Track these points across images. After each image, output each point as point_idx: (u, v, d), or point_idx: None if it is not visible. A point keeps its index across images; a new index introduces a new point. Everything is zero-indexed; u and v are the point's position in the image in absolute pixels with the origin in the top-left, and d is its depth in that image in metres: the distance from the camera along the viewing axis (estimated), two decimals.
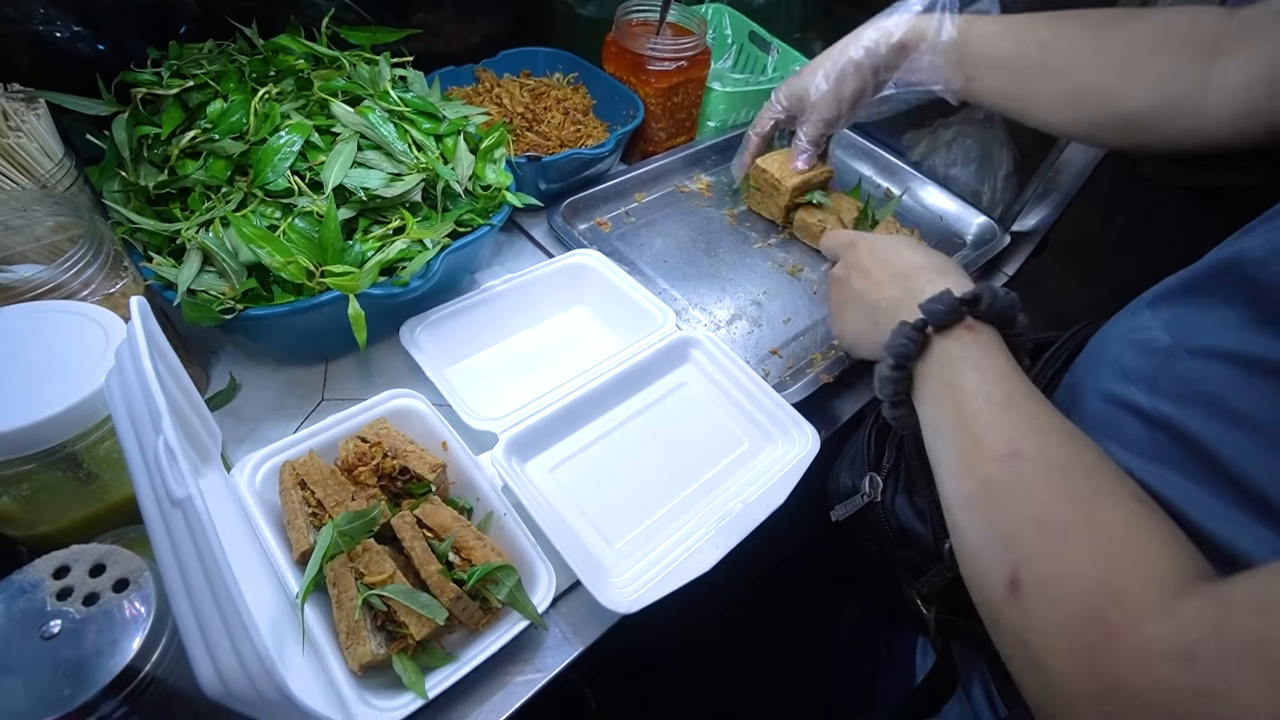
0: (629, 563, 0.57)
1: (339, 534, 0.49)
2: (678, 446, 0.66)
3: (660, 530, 0.60)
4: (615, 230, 0.87)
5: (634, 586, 0.54)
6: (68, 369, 0.45)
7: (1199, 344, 0.42)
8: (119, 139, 0.62)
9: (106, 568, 0.39)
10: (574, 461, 0.64)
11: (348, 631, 0.47)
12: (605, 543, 0.58)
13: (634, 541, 0.59)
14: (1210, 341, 0.42)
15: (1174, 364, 0.44)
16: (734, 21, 1.10)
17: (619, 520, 0.60)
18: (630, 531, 0.59)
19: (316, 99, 0.66)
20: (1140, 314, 0.49)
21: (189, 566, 0.34)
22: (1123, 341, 0.49)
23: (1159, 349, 0.45)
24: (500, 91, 0.90)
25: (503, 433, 0.60)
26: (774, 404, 0.66)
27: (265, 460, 0.55)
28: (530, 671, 0.53)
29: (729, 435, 0.67)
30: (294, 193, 0.61)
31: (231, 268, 0.56)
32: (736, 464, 0.65)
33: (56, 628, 0.36)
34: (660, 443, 0.66)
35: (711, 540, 0.56)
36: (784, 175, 0.84)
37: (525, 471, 0.61)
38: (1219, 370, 0.40)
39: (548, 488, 0.61)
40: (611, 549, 0.58)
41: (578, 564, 0.52)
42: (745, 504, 0.59)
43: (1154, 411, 0.43)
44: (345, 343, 0.61)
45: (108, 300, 0.55)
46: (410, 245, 0.62)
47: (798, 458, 0.62)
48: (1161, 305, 0.48)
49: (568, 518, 0.59)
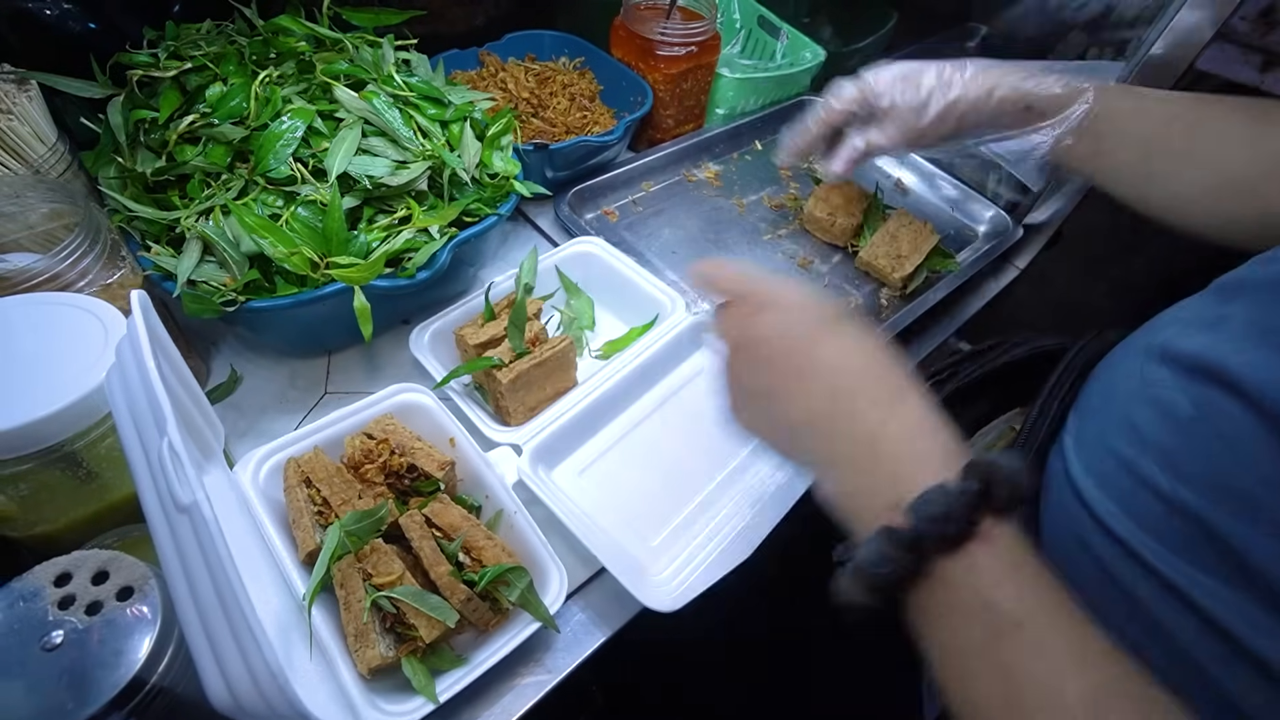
0: (668, 559, 0.56)
1: (346, 534, 0.48)
2: (703, 434, 0.65)
3: (695, 521, 0.59)
4: (623, 219, 0.86)
5: (675, 583, 0.53)
6: (66, 364, 0.43)
7: (1230, 431, 0.36)
8: (115, 123, 0.60)
9: (110, 574, 0.37)
10: (601, 463, 0.63)
11: (356, 634, 0.46)
12: (641, 541, 0.58)
13: (670, 536, 0.58)
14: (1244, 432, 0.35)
15: (1198, 443, 0.38)
16: (743, 6, 1.08)
17: (653, 516, 0.59)
18: (665, 527, 0.59)
19: (319, 83, 0.63)
20: (1158, 368, 0.43)
21: (196, 575, 0.33)
22: (1137, 394, 0.43)
23: (1180, 418, 0.39)
24: (505, 76, 0.88)
25: (525, 443, 0.58)
26: None
27: (269, 456, 0.54)
28: (541, 672, 0.52)
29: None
30: (297, 180, 0.59)
31: (233, 258, 0.55)
32: (757, 450, 0.64)
33: (59, 638, 0.34)
34: (685, 432, 0.65)
35: (749, 525, 0.55)
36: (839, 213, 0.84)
37: (553, 479, 0.60)
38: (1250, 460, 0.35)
39: (577, 493, 0.60)
40: (648, 546, 0.57)
41: (617, 568, 0.51)
42: (779, 484, 0.58)
43: (1174, 496, 0.38)
44: (349, 334, 0.59)
45: (105, 291, 0.53)
46: (416, 235, 0.60)
47: None
48: (1182, 360, 0.42)
49: (601, 521, 0.58)
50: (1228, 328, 0.40)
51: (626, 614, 0.55)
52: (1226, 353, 0.38)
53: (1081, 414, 0.51)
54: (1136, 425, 0.43)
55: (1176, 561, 0.38)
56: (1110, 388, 0.49)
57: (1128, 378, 0.46)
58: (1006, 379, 0.61)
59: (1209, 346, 0.40)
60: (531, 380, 0.61)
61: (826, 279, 0.83)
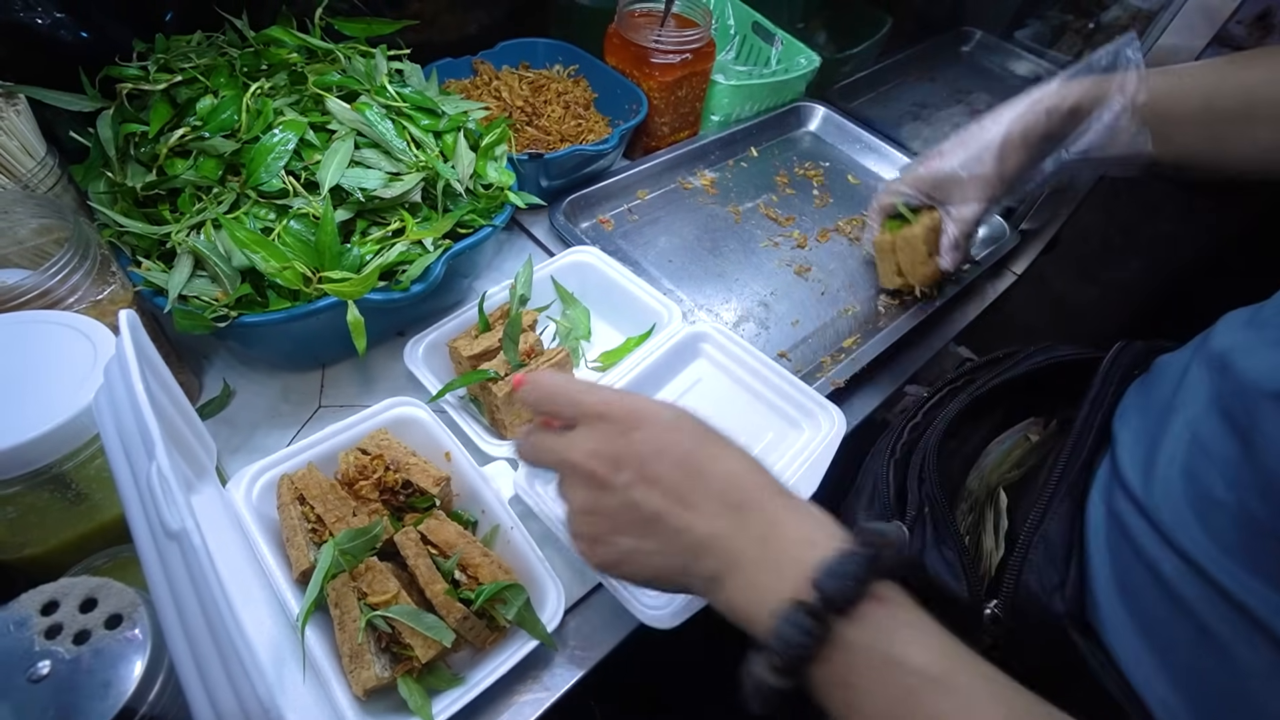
0: None
1: (340, 552, 0.47)
2: None
3: None
4: (618, 228, 0.85)
5: (675, 599, 0.52)
6: (54, 385, 0.43)
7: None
8: (104, 137, 0.59)
9: (98, 602, 0.37)
10: None
11: (351, 654, 0.45)
12: None
13: None
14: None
15: (1260, 456, 0.38)
16: (736, 11, 1.08)
17: None
18: None
19: (311, 94, 0.63)
20: (1223, 380, 0.43)
21: (185, 602, 0.32)
22: (1203, 406, 0.43)
23: (1242, 430, 0.40)
24: (499, 84, 0.88)
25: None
26: (793, 389, 0.65)
27: (262, 473, 0.53)
28: (539, 690, 0.51)
29: (753, 427, 0.65)
30: (289, 194, 0.58)
31: (224, 272, 0.54)
32: (764, 455, 0.63)
33: (45, 669, 0.34)
34: None
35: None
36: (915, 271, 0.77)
37: (550, 493, 0.59)
38: None
39: None
40: None
41: (615, 584, 0.51)
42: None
43: (1242, 509, 0.38)
44: (343, 348, 0.59)
45: (95, 307, 0.52)
46: (410, 247, 0.60)
47: (826, 440, 0.61)
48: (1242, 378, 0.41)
49: None
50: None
51: (625, 629, 0.54)
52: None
53: (1131, 425, 0.50)
54: (1200, 437, 0.42)
55: (1249, 579, 0.37)
56: (1167, 398, 0.48)
57: (1188, 388, 0.46)
58: (1023, 388, 0.61)
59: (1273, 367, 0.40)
60: None
61: (824, 287, 0.82)
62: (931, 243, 0.74)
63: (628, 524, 0.38)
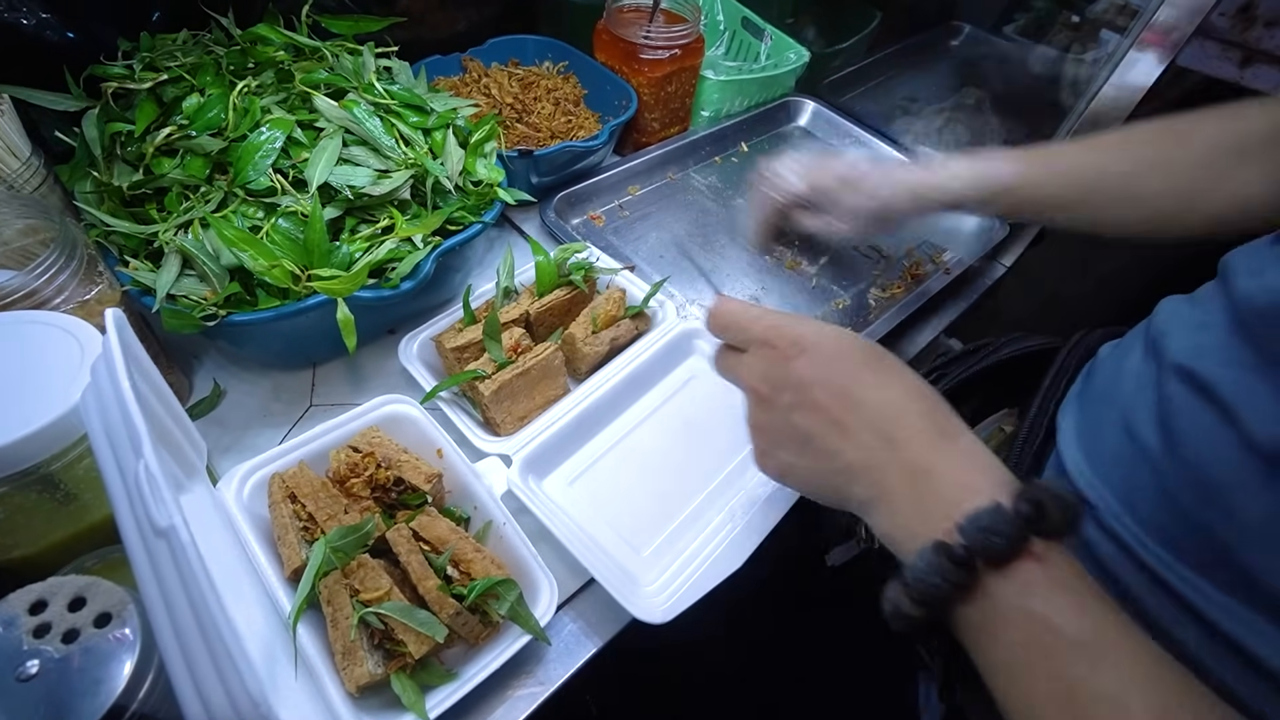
0: (659, 569, 0.56)
1: (332, 550, 0.47)
2: (695, 442, 0.64)
3: (686, 531, 0.59)
4: (609, 224, 0.85)
5: (667, 594, 0.53)
6: (41, 385, 0.43)
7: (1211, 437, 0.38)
8: (90, 136, 0.59)
9: (87, 600, 0.36)
10: (591, 472, 0.62)
11: (343, 651, 0.45)
12: (633, 551, 0.57)
13: (661, 547, 0.58)
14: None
15: (1183, 443, 0.40)
16: (726, 7, 1.08)
17: (644, 526, 0.59)
18: (656, 537, 0.58)
19: (298, 92, 0.63)
20: (1154, 368, 0.45)
21: (174, 600, 0.32)
22: (1134, 392, 0.45)
23: (1169, 417, 0.42)
24: (488, 81, 0.87)
25: (515, 453, 0.58)
26: None
27: (253, 472, 0.53)
28: (533, 685, 0.51)
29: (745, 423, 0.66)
30: (277, 192, 0.58)
31: (213, 271, 0.54)
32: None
33: (34, 668, 0.34)
34: (677, 441, 0.65)
35: (740, 535, 0.55)
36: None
37: (543, 489, 0.59)
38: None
39: (568, 503, 0.59)
40: (639, 557, 0.57)
41: (608, 580, 0.51)
42: (769, 494, 0.57)
43: (1168, 495, 0.40)
44: (333, 346, 0.59)
45: (82, 308, 0.52)
46: (399, 245, 0.60)
47: None
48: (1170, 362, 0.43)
49: (592, 531, 0.57)
50: (1214, 333, 0.41)
51: (619, 623, 0.54)
52: (1210, 364, 0.39)
53: (1076, 412, 0.51)
54: (1132, 425, 0.43)
55: (1176, 564, 0.39)
56: (1108, 385, 0.49)
57: (1128, 375, 0.46)
58: (996, 379, 0.61)
59: (1195, 352, 0.40)
60: (516, 390, 0.60)
61: (814, 280, 0.83)
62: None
63: (787, 441, 0.41)
